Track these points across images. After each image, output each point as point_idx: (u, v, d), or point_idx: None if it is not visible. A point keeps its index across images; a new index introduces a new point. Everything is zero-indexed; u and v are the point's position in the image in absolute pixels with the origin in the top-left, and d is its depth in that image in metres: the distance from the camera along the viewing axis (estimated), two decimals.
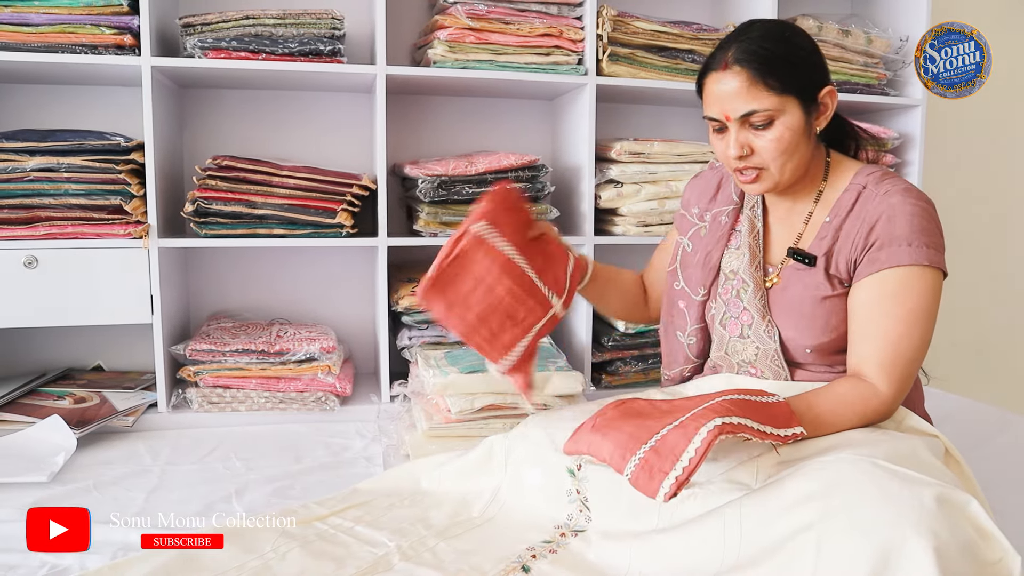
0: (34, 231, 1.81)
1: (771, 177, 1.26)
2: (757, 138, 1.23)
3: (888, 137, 2.34)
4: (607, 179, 2.12)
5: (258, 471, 1.58)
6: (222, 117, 2.18)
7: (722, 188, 1.46)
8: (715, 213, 1.43)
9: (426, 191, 1.93)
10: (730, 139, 1.24)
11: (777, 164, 1.24)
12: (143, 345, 2.04)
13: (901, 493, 0.94)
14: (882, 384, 1.17)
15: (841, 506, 0.96)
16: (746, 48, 1.21)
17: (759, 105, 1.20)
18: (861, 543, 0.91)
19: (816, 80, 1.25)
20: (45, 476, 1.50)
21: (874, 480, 0.97)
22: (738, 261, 1.36)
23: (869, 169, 1.29)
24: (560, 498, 1.27)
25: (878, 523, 0.92)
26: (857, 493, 0.96)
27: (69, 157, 1.80)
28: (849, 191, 1.27)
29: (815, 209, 1.31)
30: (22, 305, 1.82)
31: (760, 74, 1.20)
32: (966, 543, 0.92)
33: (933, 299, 1.19)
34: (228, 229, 1.90)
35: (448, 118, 2.31)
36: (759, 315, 1.32)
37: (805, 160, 1.27)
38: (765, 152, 1.23)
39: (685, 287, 1.44)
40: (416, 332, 1.99)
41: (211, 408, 1.89)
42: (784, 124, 1.21)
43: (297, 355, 1.90)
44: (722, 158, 1.29)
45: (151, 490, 1.48)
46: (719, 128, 1.27)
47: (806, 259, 1.28)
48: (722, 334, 1.38)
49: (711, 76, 1.26)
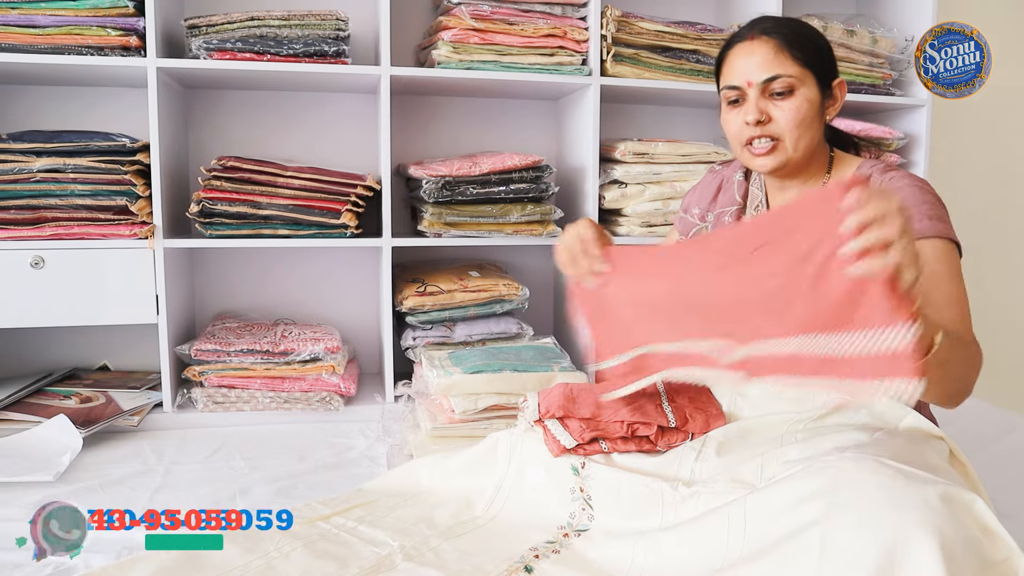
0: (40, 231, 1.82)
1: (784, 151, 1.26)
2: (776, 107, 1.25)
3: (893, 137, 2.33)
4: (611, 180, 2.12)
5: (262, 471, 1.58)
6: (227, 118, 2.18)
7: (723, 190, 1.46)
8: (718, 213, 1.44)
9: (430, 191, 1.93)
10: (748, 106, 1.25)
11: (793, 136, 1.25)
12: (148, 345, 2.05)
13: (906, 491, 0.94)
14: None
15: (846, 503, 0.96)
16: (774, 22, 1.28)
17: (783, 70, 1.23)
18: (866, 541, 0.91)
19: (832, 68, 1.29)
20: (51, 476, 1.51)
21: (879, 478, 0.97)
22: None
23: (872, 162, 1.31)
24: (563, 496, 1.27)
25: (883, 521, 0.91)
26: (862, 491, 0.96)
27: (75, 158, 1.81)
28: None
29: None
30: (29, 305, 1.82)
31: (786, 42, 1.24)
32: (971, 542, 0.92)
33: (960, 271, 1.19)
34: (233, 230, 1.91)
35: (452, 119, 2.31)
36: None
37: (815, 142, 1.28)
38: (783, 120, 1.24)
39: None
40: (420, 332, 1.99)
41: (216, 408, 1.90)
42: (803, 95, 1.24)
43: (302, 355, 1.91)
44: (735, 133, 1.29)
45: (156, 489, 1.49)
46: (734, 100, 1.28)
47: None
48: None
49: (736, 48, 1.29)
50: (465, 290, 1.99)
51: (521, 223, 2.02)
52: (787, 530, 0.99)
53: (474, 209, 1.98)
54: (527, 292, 2.05)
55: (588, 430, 1.32)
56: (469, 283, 2.02)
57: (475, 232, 2.00)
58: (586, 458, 1.31)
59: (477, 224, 1.99)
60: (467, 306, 2.00)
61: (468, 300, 2.00)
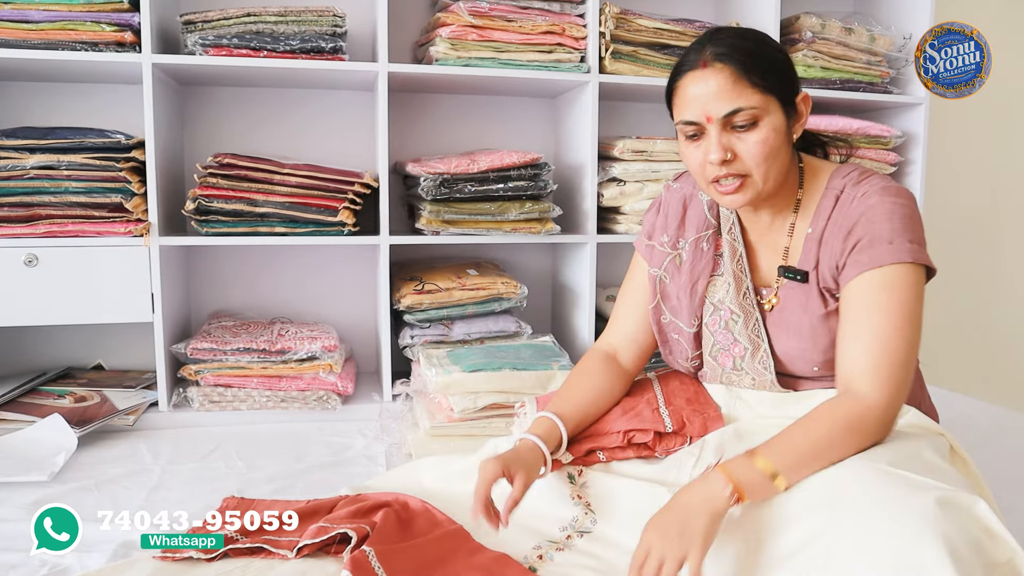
0: (34, 229, 1.80)
1: (754, 186, 1.16)
2: (740, 141, 1.14)
3: (891, 135, 2.33)
4: (609, 177, 2.11)
5: (259, 470, 1.57)
6: (223, 115, 2.17)
7: (689, 209, 1.34)
8: (695, 240, 1.32)
9: (428, 189, 1.92)
10: (711, 143, 1.14)
11: (761, 171, 1.15)
12: (143, 344, 2.03)
13: (905, 499, 0.93)
14: (873, 392, 1.06)
15: (846, 516, 0.95)
16: (727, 44, 1.14)
17: (745, 103, 1.12)
18: (870, 555, 0.90)
19: (793, 84, 1.18)
20: (45, 476, 1.49)
21: (877, 487, 0.96)
22: (723, 291, 1.28)
23: (844, 170, 1.22)
24: (564, 502, 1.26)
25: (885, 532, 0.91)
26: (861, 502, 0.95)
27: (69, 155, 1.79)
28: (827, 196, 1.20)
29: (796, 219, 1.23)
30: (23, 303, 1.81)
31: (744, 69, 1.12)
32: (974, 543, 0.91)
33: (918, 297, 1.11)
34: (229, 227, 1.89)
35: (450, 117, 2.30)
36: (752, 347, 1.26)
37: (785, 167, 1.19)
38: (749, 157, 1.14)
39: (675, 320, 1.34)
40: (418, 331, 1.98)
41: (212, 407, 1.88)
42: (769, 125, 1.13)
43: (299, 354, 1.89)
44: (697, 169, 1.18)
45: (152, 488, 1.48)
46: (693, 135, 1.17)
47: (798, 275, 1.21)
48: (714, 366, 1.32)
49: (687, 77, 1.16)
50: (463, 288, 1.98)
51: (519, 221, 2.01)
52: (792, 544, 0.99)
53: (472, 207, 1.97)
54: (525, 290, 2.04)
55: (584, 441, 1.31)
56: (467, 281, 2.00)
57: (473, 230, 1.98)
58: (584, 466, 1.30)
59: (475, 222, 1.98)
60: (465, 304, 1.99)
61: (466, 298, 1.99)
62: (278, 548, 1.17)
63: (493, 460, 1.15)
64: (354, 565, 1.07)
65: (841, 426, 1.04)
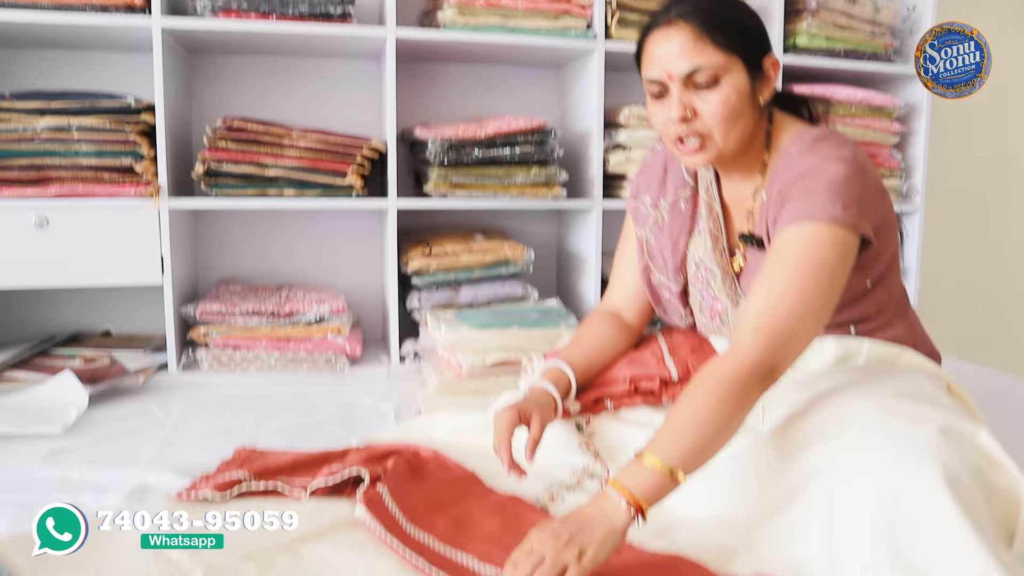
0: (45, 190, 1.81)
1: (714, 146, 1.16)
2: (701, 100, 1.14)
3: (894, 106, 2.34)
4: (615, 144, 2.12)
5: (270, 425, 1.58)
6: (230, 84, 2.18)
7: (669, 170, 1.35)
8: (672, 202, 1.33)
9: (436, 153, 1.93)
10: (672, 101, 1.14)
11: (721, 131, 1.14)
12: (151, 311, 2.04)
13: (907, 430, 0.95)
14: (749, 343, 1.02)
15: (848, 449, 0.97)
16: (691, 3, 1.14)
17: (705, 60, 1.12)
18: (871, 486, 0.92)
19: (761, 45, 1.18)
20: (58, 428, 1.50)
21: (878, 420, 0.98)
22: (702, 249, 1.30)
23: (805, 134, 1.19)
24: (573, 450, 1.28)
25: (886, 463, 0.93)
26: (862, 435, 0.97)
27: (79, 117, 1.80)
28: (781, 160, 1.18)
29: (761, 184, 1.23)
30: (33, 265, 1.82)
31: (706, 28, 1.12)
32: (975, 470, 0.93)
33: (835, 257, 1.06)
34: (239, 189, 1.91)
35: (457, 87, 2.31)
36: (731, 303, 1.27)
37: (749, 129, 1.18)
38: (709, 116, 1.14)
39: (663, 279, 1.36)
40: (425, 294, 1.99)
41: (221, 368, 1.90)
42: (730, 84, 1.13)
43: (307, 316, 1.91)
44: (662, 127, 1.19)
45: (164, 442, 1.48)
46: (659, 93, 1.17)
47: (755, 242, 1.21)
48: (705, 322, 1.34)
49: (652, 35, 1.17)
50: (471, 252, 2.00)
51: (526, 185, 2.02)
52: (796, 480, 1.01)
53: (480, 171, 1.99)
54: (532, 254, 2.06)
55: (591, 391, 1.33)
56: (474, 246, 2.02)
57: (480, 193, 2.00)
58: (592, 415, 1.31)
59: (483, 186, 1.99)
60: (472, 268, 2.01)
61: (474, 262, 2.00)
62: (291, 490, 1.18)
63: (508, 408, 1.17)
64: (368, 501, 1.09)
65: (714, 388, 0.99)
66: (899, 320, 1.25)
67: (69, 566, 0.94)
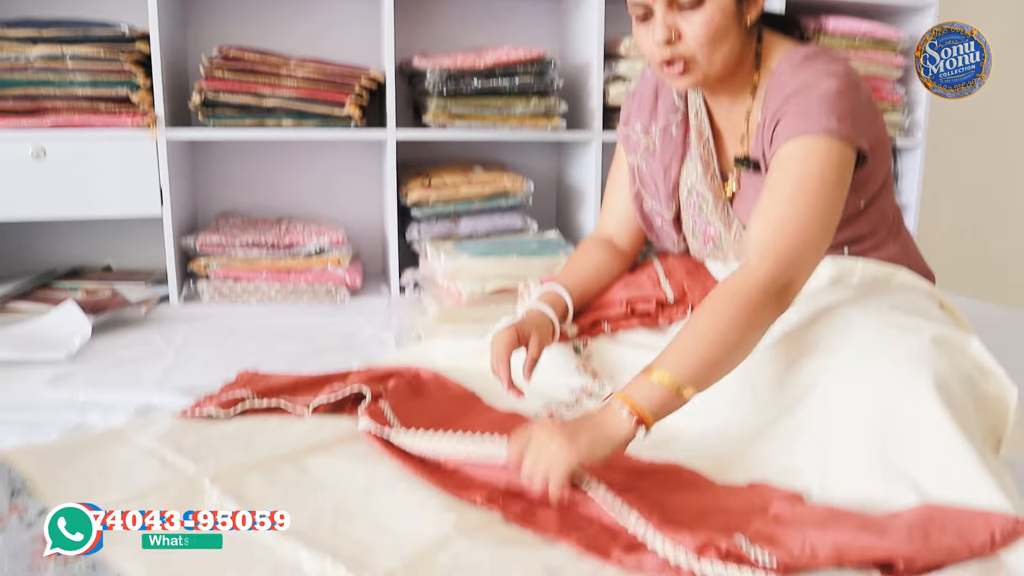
0: (41, 120, 1.79)
1: (699, 69, 1.14)
2: (685, 21, 1.11)
3: (899, 38, 2.31)
4: (615, 75, 2.10)
5: (271, 351, 1.60)
6: (228, 14, 2.14)
7: (660, 96, 1.33)
8: (663, 128, 1.31)
9: (434, 83, 1.91)
10: (656, 23, 1.11)
11: (705, 52, 1.12)
12: (151, 245, 2.04)
13: (900, 340, 0.97)
14: (758, 262, 1.02)
15: (843, 361, 0.99)
16: None
17: None
18: (865, 394, 0.94)
19: None
20: (63, 355, 1.52)
21: (872, 332, 1.00)
22: (694, 175, 1.29)
23: (795, 52, 1.17)
24: (571, 372, 1.30)
25: (880, 373, 0.95)
26: (857, 346, 0.99)
27: (73, 46, 1.78)
28: (772, 79, 1.16)
29: (752, 105, 1.21)
30: (31, 197, 1.82)
31: None
32: (966, 379, 0.95)
33: (835, 171, 1.06)
34: (236, 120, 1.89)
35: (455, 19, 2.27)
36: (724, 227, 1.27)
37: (735, 52, 1.15)
38: (693, 38, 1.11)
39: (655, 205, 1.35)
40: (425, 226, 1.99)
41: (222, 300, 1.91)
42: (715, 4, 1.09)
43: (307, 247, 1.92)
44: (647, 51, 1.16)
45: (168, 368, 1.50)
46: (644, 16, 1.13)
47: (750, 165, 1.20)
48: (698, 248, 1.34)
49: None
50: (470, 183, 1.99)
51: (526, 116, 2.01)
52: (792, 393, 1.03)
53: (479, 101, 1.97)
54: (531, 186, 2.05)
55: (588, 313, 1.34)
56: (474, 177, 2.01)
57: (480, 123, 1.98)
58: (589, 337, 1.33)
59: (482, 116, 1.98)
60: (472, 199, 2.00)
61: (473, 194, 2.00)
62: (294, 407, 1.20)
63: (506, 329, 1.19)
64: (371, 414, 1.11)
65: (725, 307, 0.99)
66: (893, 240, 1.26)
67: (75, 473, 0.96)
